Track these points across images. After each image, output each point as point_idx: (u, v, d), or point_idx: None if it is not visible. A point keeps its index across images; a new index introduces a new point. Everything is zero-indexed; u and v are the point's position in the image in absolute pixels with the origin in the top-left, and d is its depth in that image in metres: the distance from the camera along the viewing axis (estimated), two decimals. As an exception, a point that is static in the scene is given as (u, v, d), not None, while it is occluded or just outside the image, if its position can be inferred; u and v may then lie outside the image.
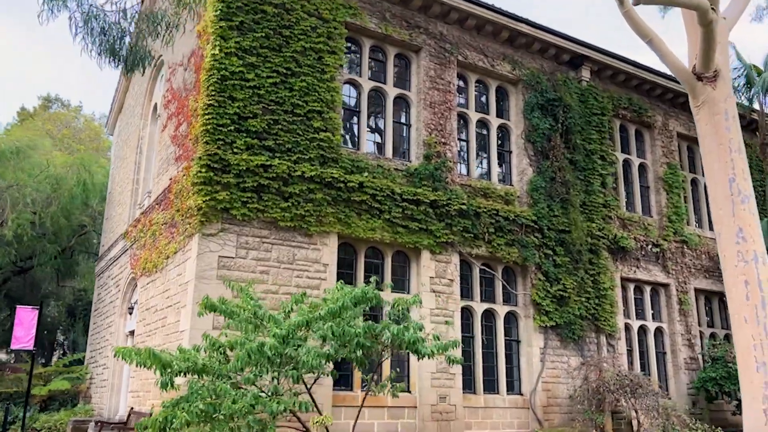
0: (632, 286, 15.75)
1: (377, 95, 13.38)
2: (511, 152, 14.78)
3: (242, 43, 11.28)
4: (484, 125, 14.75)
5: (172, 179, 11.92)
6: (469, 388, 12.75)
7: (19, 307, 16.46)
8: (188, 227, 10.67)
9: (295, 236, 11.10)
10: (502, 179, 14.63)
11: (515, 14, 14.60)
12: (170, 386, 6.34)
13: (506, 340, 13.56)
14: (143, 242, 13.77)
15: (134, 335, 13.92)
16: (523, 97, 14.90)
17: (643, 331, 15.74)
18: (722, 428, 13.48)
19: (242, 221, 10.66)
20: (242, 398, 5.94)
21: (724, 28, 8.88)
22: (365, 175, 12.07)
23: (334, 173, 11.53)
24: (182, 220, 11.00)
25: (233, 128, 10.83)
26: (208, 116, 10.66)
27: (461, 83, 14.58)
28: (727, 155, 8.46)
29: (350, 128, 12.89)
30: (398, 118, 13.54)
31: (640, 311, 15.86)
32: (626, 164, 16.80)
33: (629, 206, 16.50)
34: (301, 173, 11.17)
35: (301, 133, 11.48)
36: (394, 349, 7.56)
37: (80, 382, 17.39)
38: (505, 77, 14.89)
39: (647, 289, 16.01)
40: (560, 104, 14.98)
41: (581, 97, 15.59)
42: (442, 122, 13.47)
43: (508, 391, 13.20)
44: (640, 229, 15.98)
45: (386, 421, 11.50)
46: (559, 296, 13.75)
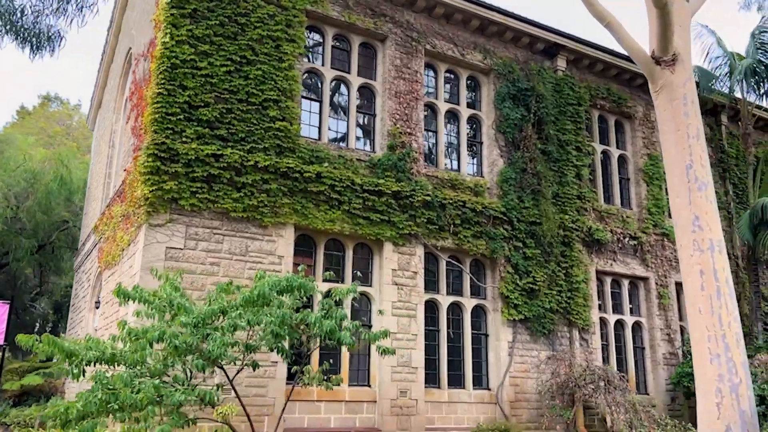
0: (609, 279, 15.41)
1: (341, 85, 13.14)
2: (482, 143, 14.49)
3: (195, 31, 11.08)
4: (454, 116, 14.47)
5: (126, 170, 11.76)
6: (433, 382, 12.49)
7: (-11, 301, 16.35)
8: (138, 218, 10.49)
9: (248, 227, 10.89)
10: (473, 171, 14.36)
11: (486, 2, 14.31)
12: (81, 376, 6.14)
13: (475, 334, 13.29)
14: (107, 235, 13.63)
15: (97, 330, 13.80)
16: (494, 87, 14.61)
17: (620, 325, 15.40)
18: (699, 425, 13.11)
19: (192, 212, 10.47)
20: (145, 388, 5.74)
21: (685, 11, 8.59)
22: (325, 165, 11.84)
23: (290, 163, 11.30)
24: (133, 211, 10.83)
25: (183, 117, 10.63)
26: (156, 105, 10.47)
27: (430, 73, 14.31)
28: (684, 141, 8.18)
29: (311, 118, 12.65)
30: (363, 107, 13.30)
31: (617, 305, 15.52)
32: (605, 155, 16.47)
33: (607, 198, 16.16)
34: (254, 163, 10.96)
35: (255, 122, 11.27)
36: (319, 339, 7.31)
37: (55, 377, 17.29)
38: (476, 67, 14.60)
39: (625, 282, 15.66)
40: (533, 94, 14.67)
41: (556, 86, 15.27)
42: (408, 112, 13.21)
43: (474, 385, 12.92)
44: (618, 221, 15.64)
45: (344, 415, 11.27)
46: (528, 289, 13.46)
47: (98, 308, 14.78)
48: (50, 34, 8.65)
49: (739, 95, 16.87)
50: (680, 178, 8.03)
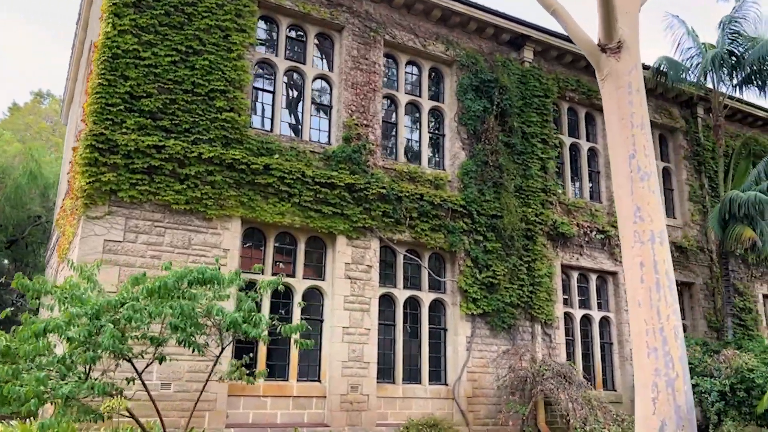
0: (576, 274, 15.18)
1: (296, 75, 12.95)
2: (444, 136, 14.28)
3: (139, 21, 10.89)
4: (415, 108, 14.25)
5: (71, 162, 11.61)
6: (387, 377, 12.31)
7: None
8: (78, 211, 10.34)
9: (192, 220, 10.72)
10: (435, 163, 14.15)
11: (448, -8, 14.09)
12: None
13: (433, 328, 13.10)
14: (62, 230, 13.50)
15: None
16: (457, 78, 14.38)
17: (587, 320, 15.18)
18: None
19: (132, 204, 10.30)
20: (31, 381, 5.59)
21: (633, -3, 8.38)
22: (276, 157, 11.65)
23: (236, 155, 11.12)
24: (74, 203, 10.68)
25: (124, 108, 10.45)
26: (96, 96, 10.30)
27: (391, 64, 14.11)
28: (628, 130, 7.96)
29: (264, 109, 12.46)
30: (318, 99, 13.11)
31: (585, 300, 15.30)
32: (575, 148, 16.23)
33: (576, 192, 15.93)
34: (198, 154, 10.78)
35: (201, 113, 11.09)
36: (232, 333, 7.14)
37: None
38: (438, 58, 14.38)
39: (593, 277, 15.44)
40: (496, 86, 14.44)
41: (522, 78, 15.04)
42: (365, 104, 13.00)
43: (431, 381, 12.74)
44: (586, 215, 15.41)
45: (291, 411, 11.10)
46: (488, 283, 13.24)
47: (57, 303, 14.66)
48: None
49: (711, 86, 16.59)
50: (623, 168, 7.84)
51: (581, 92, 16.13)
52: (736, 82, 16.44)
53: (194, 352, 7.14)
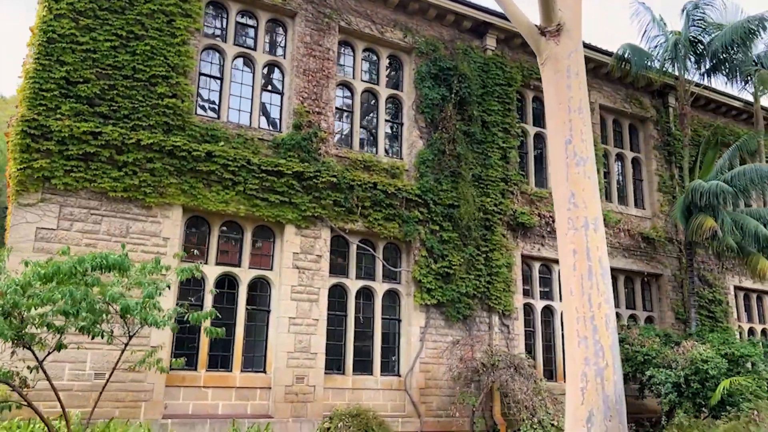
0: (538, 264, 14.99)
1: (245, 62, 12.72)
2: (402, 124, 14.06)
3: (77, 5, 10.66)
4: (373, 95, 14.03)
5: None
6: (337, 368, 12.13)
7: None
8: (10, 197, 10.14)
9: (130, 208, 10.52)
10: (393, 152, 13.94)
11: (406, -22, 13.85)
12: None
13: (386, 319, 12.92)
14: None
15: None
16: (416, 66, 14.16)
17: (549, 311, 15.00)
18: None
19: (67, 191, 10.10)
20: None
21: (575, -21, 8.16)
22: (221, 144, 11.45)
23: (177, 141, 10.91)
24: (7, 190, 10.49)
25: (59, 93, 10.23)
26: (30, 80, 10.09)
27: (348, 51, 13.88)
28: (565, 115, 7.73)
29: (210, 95, 12.25)
30: (269, 86, 12.88)
31: (547, 292, 15.12)
32: (539, 138, 16.01)
33: (540, 182, 15.72)
34: (137, 141, 10.58)
35: (141, 99, 10.87)
36: (122, 317, 6.94)
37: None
38: (397, 45, 14.15)
39: (556, 268, 15.24)
40: (455, 73, 14.20)
41: (484, 66, 14.81)
42: (317, 91, 12.78)
43: (383, 372, 12.57)
44: (550, 205, 15.19)
45: (234, 402, 10.93)
46: (444, 273, 13.05)
47: None
48: None
49: (677, 74, 16.35)
50: (559, 153, 7.63)
51: (546, 81, 15.86)
52: (703, 70, 16.20)
53: (100, 339, 6.95)
